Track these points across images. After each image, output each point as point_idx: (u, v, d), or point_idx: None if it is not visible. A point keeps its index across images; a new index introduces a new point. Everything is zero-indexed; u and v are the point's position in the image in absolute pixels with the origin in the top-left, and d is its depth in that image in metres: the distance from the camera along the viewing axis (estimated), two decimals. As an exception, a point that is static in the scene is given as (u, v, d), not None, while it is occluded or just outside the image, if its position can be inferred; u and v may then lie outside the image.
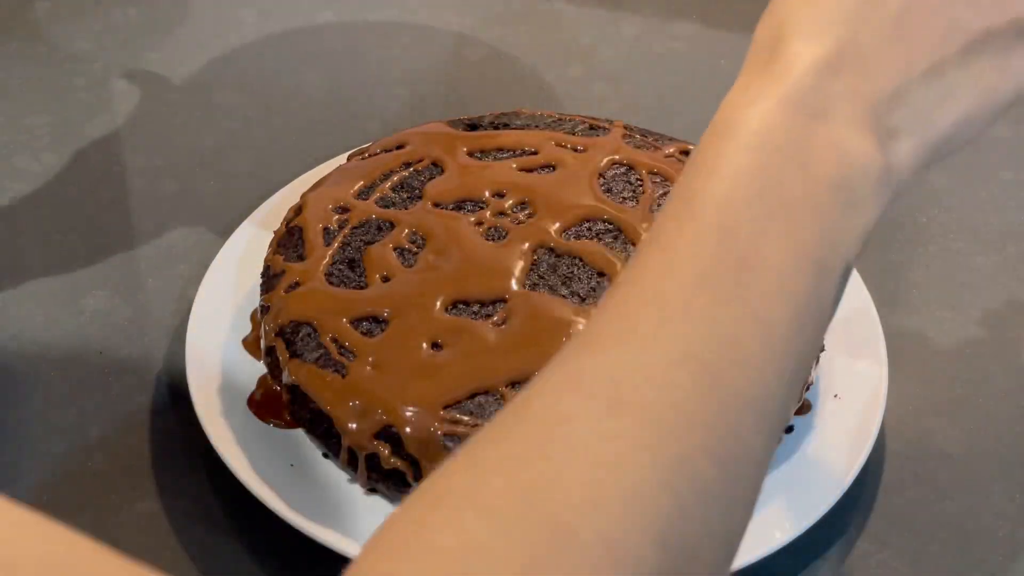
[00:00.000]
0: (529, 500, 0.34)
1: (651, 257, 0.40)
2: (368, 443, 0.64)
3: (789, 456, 0.68)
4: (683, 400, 0.37)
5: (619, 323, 0.39)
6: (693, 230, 0.40)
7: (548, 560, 0.33)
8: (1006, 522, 0.68)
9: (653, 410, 0.36)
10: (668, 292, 0.39)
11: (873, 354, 0.72)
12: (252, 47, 1.00)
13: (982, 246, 0.84)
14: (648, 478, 0.35)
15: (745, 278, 0.39)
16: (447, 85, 0.97)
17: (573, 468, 0.35)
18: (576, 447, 0.35)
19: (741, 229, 0.39)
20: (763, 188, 0.40)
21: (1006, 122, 0.94)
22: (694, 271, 0.39)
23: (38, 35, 1.00)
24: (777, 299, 0.39)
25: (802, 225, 0.40)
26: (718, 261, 0.39)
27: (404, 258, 0.71)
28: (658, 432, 0.36)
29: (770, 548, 0.63)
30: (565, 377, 0.38)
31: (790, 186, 0.40)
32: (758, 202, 0.40)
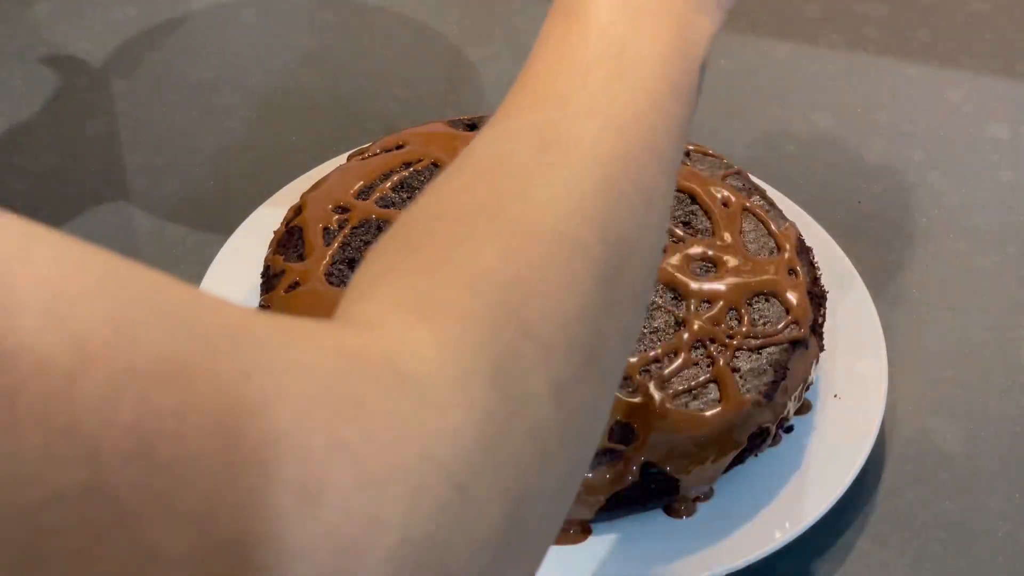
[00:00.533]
0: (490, 208, 0.41)
1: (547, 52, 0.48)
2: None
3: (789, 456, 0.68)
4: (598, 141, 0.44)
5: (531, 97, 0.47)
6: (579, 28, 0.47)
7: (517, 248, 0.40)
8: (1006, 522, 0.68)
9: (575, 147, 0.44)
10: (566, 72, 0.47)
11: (873, 354, 0.72)
12: (252, 47, 1.00)
13: (982, 246, 0.84)
14: (584, 188, 0.42)
15: (629, 61, 0.46)
16: (447, 85, 0.97)
17: (520, 184, 0.42)
18: (518, 172, 0.43)
19: (617, 25, 0.47)
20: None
21: (1006, 122, 0.94)
22: (586, 58, 0.46)
23: (38, 35, 1.00)
24: (655, 74, 0.47)
25: (665, 24, 0.48)
26: (604, 49, 0.47)
27: (404, 258, 0.71)
28: (584, 161, 0.43)
29: (770, 548, 0.63)
30: (495, 135, 0.46)
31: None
32: (627, 6, 0.48)
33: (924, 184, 0.89)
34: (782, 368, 0.67)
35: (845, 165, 0.90)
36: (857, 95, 0.97)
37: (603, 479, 0.62)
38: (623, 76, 0.46)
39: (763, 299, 0.70)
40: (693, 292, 0.69)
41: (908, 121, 0.94)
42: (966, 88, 0.98)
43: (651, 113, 0.46)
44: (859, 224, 0.85)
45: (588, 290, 0.40)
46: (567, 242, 0.41)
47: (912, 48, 1.01)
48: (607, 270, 0.41)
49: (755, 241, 0.73)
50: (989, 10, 1.06)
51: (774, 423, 0.67)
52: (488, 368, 0.36)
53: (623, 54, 0.47)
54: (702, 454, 0.64)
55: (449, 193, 0.43)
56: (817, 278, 0.73)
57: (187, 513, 0.28)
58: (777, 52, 1.01)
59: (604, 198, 0.43)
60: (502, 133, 0.46)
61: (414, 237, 0.41)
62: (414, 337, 0.36)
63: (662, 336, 0.67)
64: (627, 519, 0.65)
